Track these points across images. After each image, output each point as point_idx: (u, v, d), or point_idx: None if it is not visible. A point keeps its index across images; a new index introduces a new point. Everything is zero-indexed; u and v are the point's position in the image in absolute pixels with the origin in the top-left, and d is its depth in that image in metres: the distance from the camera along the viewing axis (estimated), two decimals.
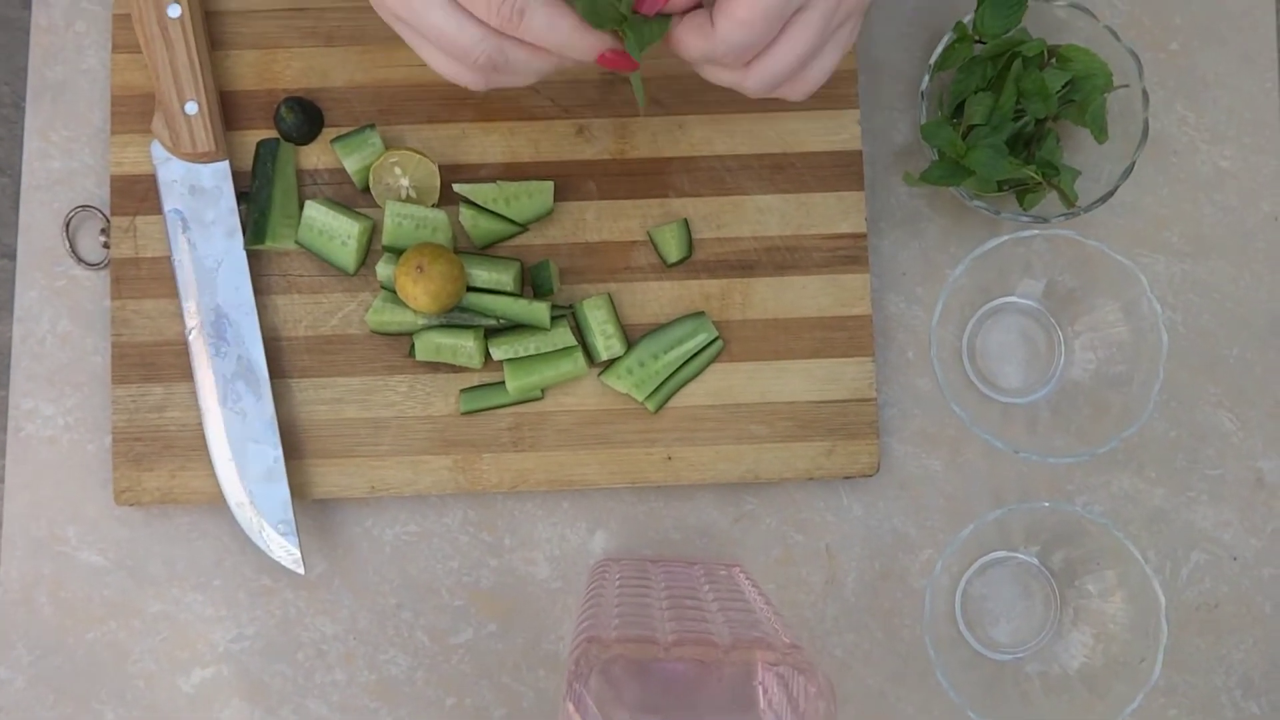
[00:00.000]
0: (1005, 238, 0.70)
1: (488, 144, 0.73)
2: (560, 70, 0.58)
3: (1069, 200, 0.71)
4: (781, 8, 0.55)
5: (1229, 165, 0.77)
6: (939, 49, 0.71)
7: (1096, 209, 0.72)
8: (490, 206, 0.72)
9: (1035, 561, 0.75)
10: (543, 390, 0.72)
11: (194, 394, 0.72)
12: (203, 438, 0.71)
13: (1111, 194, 0.70)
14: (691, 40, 0.56)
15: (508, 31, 0.55)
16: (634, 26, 0.56)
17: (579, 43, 0.56)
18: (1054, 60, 0.71)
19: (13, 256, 1.51)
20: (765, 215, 0.73)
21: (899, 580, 0.74)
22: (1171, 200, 0.77)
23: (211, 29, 0.74)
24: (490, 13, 0.54)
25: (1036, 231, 0.70)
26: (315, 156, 0.73)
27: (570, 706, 0.49)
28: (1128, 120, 0.71)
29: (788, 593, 0.74)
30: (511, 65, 0.57)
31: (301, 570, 0.71)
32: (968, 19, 0.70)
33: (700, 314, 0.72)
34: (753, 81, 0.59)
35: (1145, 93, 0.70)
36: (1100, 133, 0.70)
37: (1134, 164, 0.70)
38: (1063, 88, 0.70)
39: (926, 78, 0.71)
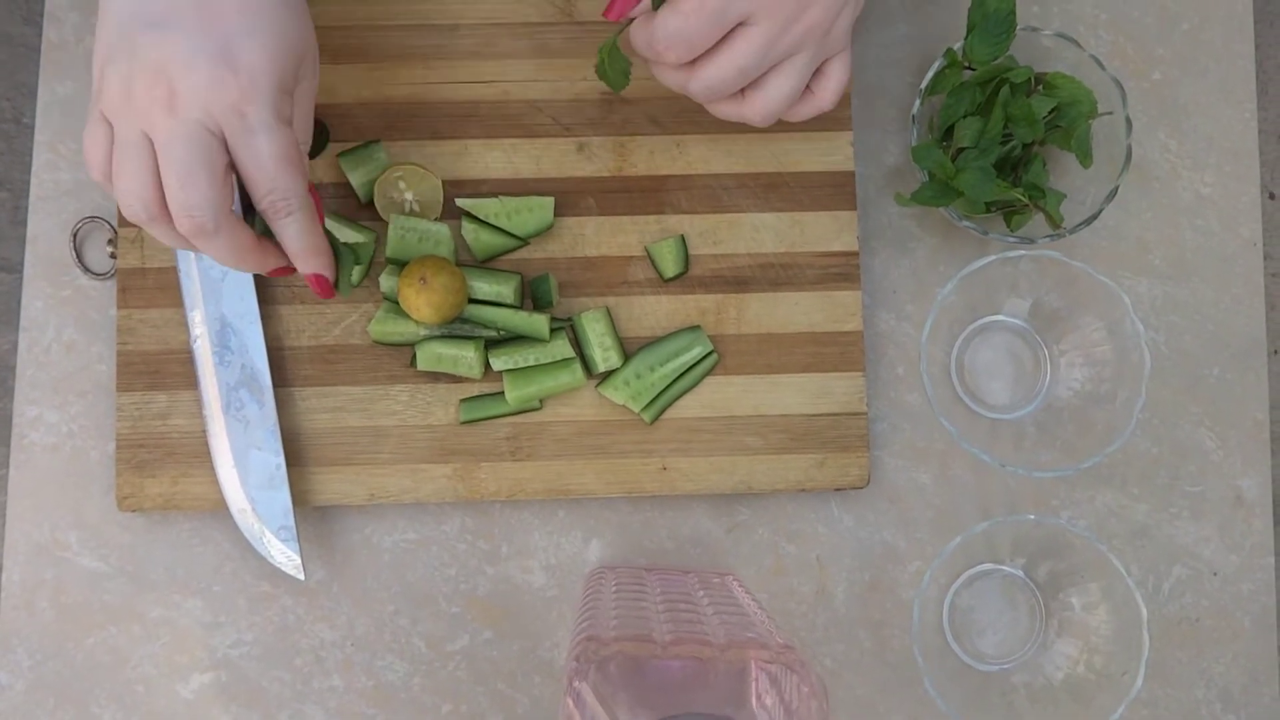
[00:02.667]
0: (993, 257, 0.72)
1: (490, 160, 0.75)
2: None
3: (1054, 222, 0.73)
4: (722, 8, 0.58)
5: (1209, 191, 0.79)
6: (930, 74, 0.73)
7: (1081, 231, 0.74)
8: (492, 221, 0.73)
9: (1021, 574, 0.76)
10: (541, 401, 0.73)
11: (198, 402, 0.73)
12: (205, 445, 0.73)
13: (1095, 217, 0.72)
14: (637, 31, 0.61)
15: (270, 216, 0.60)
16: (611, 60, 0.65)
17: (315, 257, 0.62)
18: (1040, 87, 0.73)
19: (12, 270, 1.52)
20: (760, 233, 0.75)
21: (888, 591, 0.76)
22: (1154, 224, 0.79)
23: None
24: (267, 202, 0.59)
25: (1023, 252, 0.72)
26: (320, 170, 0.75)
27: (570, 702, 0.51)
28: (1111, 146, 0.73)
29: (779, 602, 0.75)
30: (218, 242, 0.59)
31: (302, 576, 0.72)
32: (958, 46, 0.72)
33: (696, 328, 0.74)
34: (696, 84, 0.62)
35: (1129, 120, 0.72)
36: (1085, 157, 0.72)
37: (1117, 188, 0.72)
38: (1049, 113, 0.72)
39: (918, 102, 0.73)
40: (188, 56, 0.55)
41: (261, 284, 0.74)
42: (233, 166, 0.58)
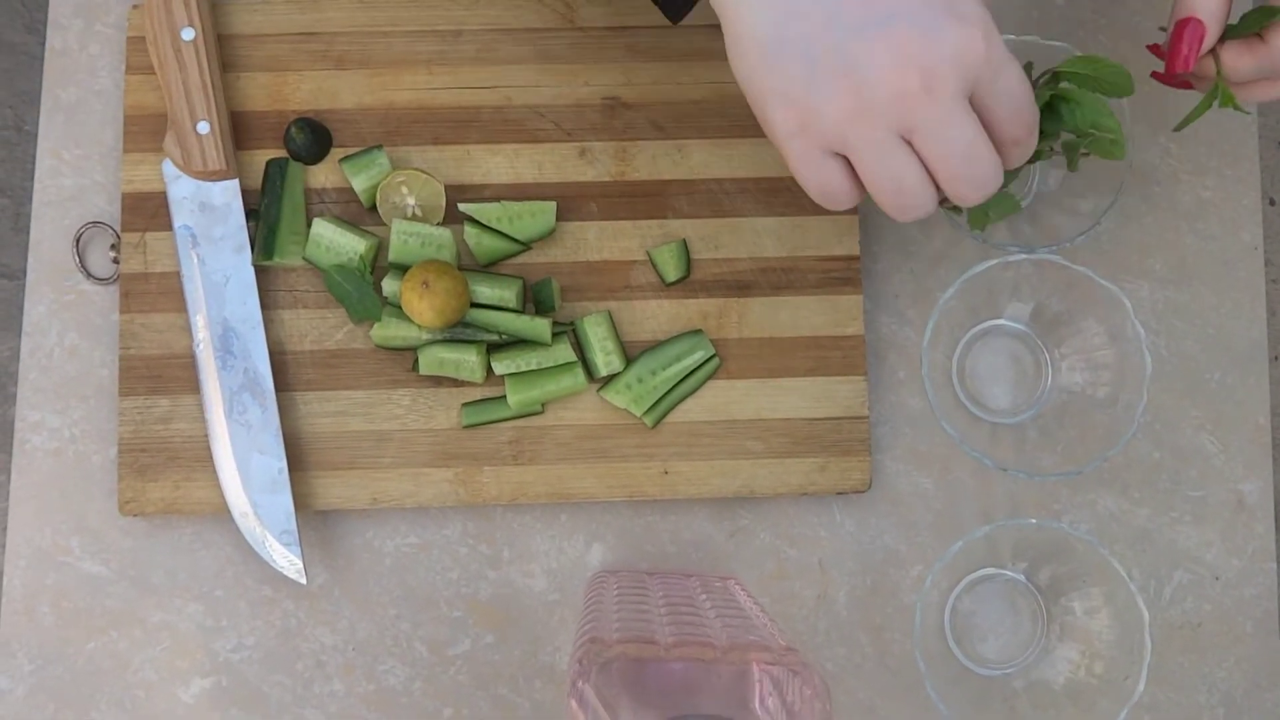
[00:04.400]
0: (994, 261, 0.72)
1: (492, 165, 0.75)
2: None
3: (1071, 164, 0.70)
4: None
5: (1210, 196, 0.79)
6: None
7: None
8: (494, 225, 0.74)
9: (1023, 578, 0.76)
10: (543, 405, 0.73)
11: (200, 406, 0.73)
12: (208, 449, 0.73)
13: (1096, 225, 0.72)
14: (1243, 60, 0.58)
15: (1023, 141, 0.56)
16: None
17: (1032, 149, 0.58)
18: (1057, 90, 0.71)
19: (13, 276, 1.52)
20: (762, 237, 0.75)
21: (890, 595, 0.76)
22: (1155, 229, 0.79)
23: (224, 52, 0.76)
24: (1023, 128, 0.55)
25: (1024, 256, 0.72)
26: (323, 176, 0.75)
27: (573, 703, 0.51)
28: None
29: (781, 606, 0.75)
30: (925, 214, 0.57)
31: (304, 580, 0.72)
32: None
33: (698, 332, 0.74)
34: None
35: (1131, 132, 0.72)
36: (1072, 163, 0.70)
37: (1118, 197, 0.72)
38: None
39: None
40: (930, 33, 0.51)
41: (264, 288, 0.74)
42: None
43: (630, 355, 0.74)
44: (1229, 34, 0.60)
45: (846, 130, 0.53)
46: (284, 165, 0.74)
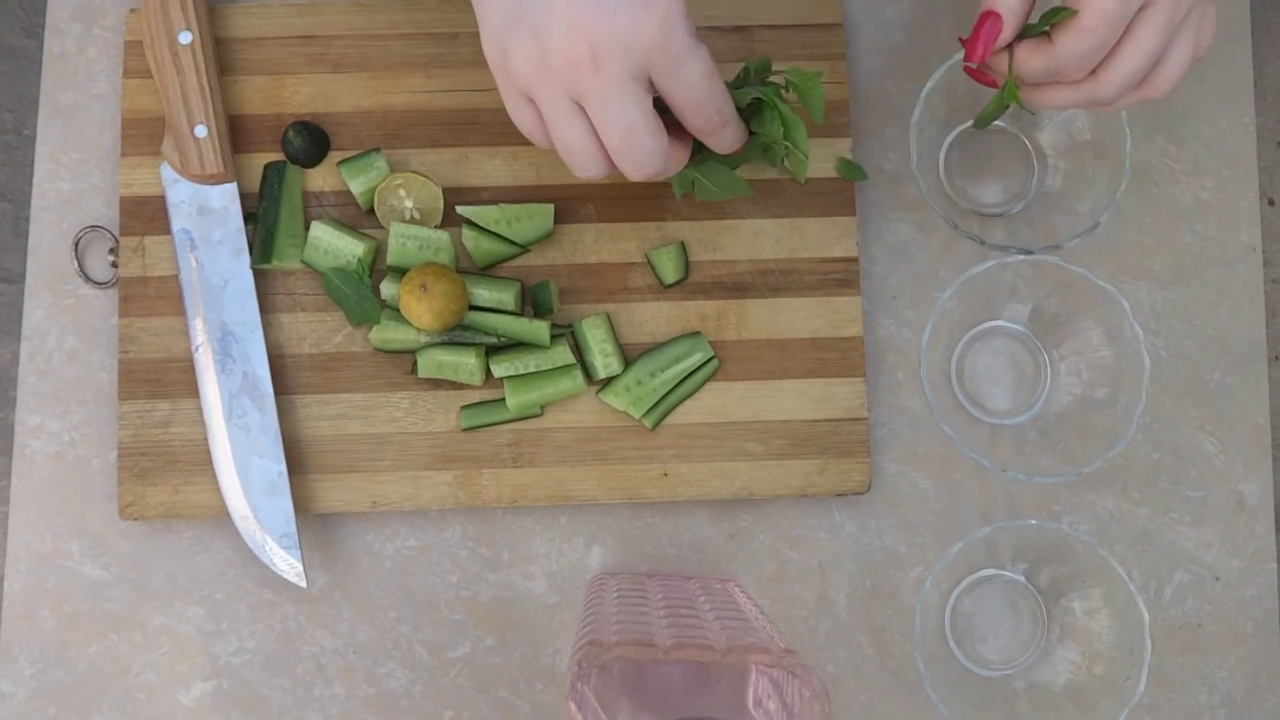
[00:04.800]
0: (992, 263, 0.72)
1: (490, 167, 0.75)
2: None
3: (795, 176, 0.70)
4: (1122, 9, 0.55)
5: (1208, 196, 0.79)
6: (930, 81, 0.73)
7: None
8: (492, 228, 0.74)
9: (1023, 579, 0.76)
10: (542, 407, 0.73)
11: (199, 410, 0.73)
12: (207, 453, 0.73)
13: (1095, 227, 0.72)
14: (1032, 60, 0.58)
15: (706, 134, 0.59)
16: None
17: (740, 143, 0.63)
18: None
19: (12, 280, 1.52)
20: (760, 239, 0.75)
21: (889, 597, 0.76)
22: (1153, 229, 0.79)
23: (221, 55, 0.76)
24: (702, 120, 0.58)
25: (1022, 257, 0.72)
26: (321, 179, 0.75)
27: (573, 706, 0.51)
28: (1111, 157, 0.73)
29: (781, 608, 0.75)
30: (666, 171, 0.60)
31: (304, 583, 0.72)
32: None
33: (696, 334, 0.74)
34: (1106, 89, 0.59)
35: (1128, 134, 0.72)
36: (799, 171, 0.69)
37: (1117, 199, 0.72)
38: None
39: (918, 109, 0.73)
40: (606, 11, 0.54)
41: (262, 292, 0.74)
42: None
43: (629, 357, 0.74)
44: (1026, 32, 0.59)
45: (531, 82, 0.56)
46: (282, 168, 0.75)
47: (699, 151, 0.68)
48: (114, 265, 0.75)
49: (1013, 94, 0.61)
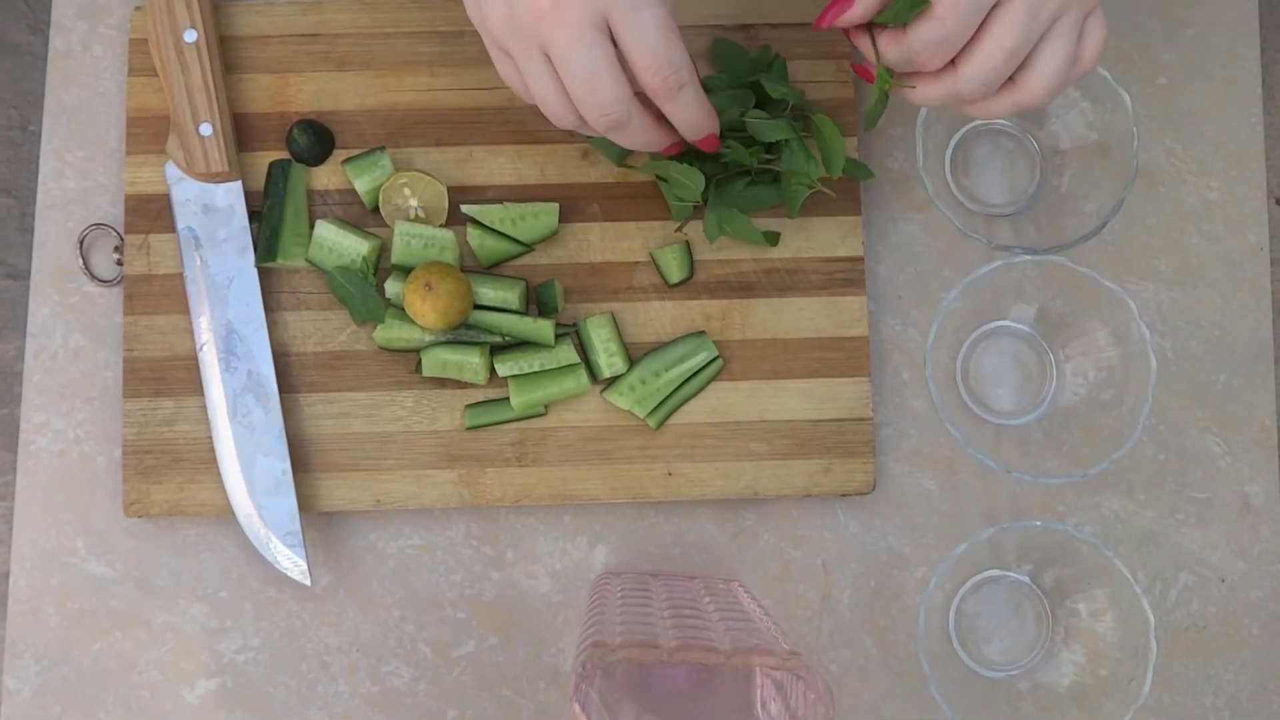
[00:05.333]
0: (998, 263, 0.72)
1: (495, 166, 0.75)
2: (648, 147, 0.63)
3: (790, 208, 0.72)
4: (972, 2, 0.55)
5: (1215, 196, 0.79)
6: None
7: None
8: (497, 227, 0.73)
9: (1027, 580, 0.76)
10: (546, 406, 0.73)
11: (204, 408, 0.73)
12: (212, 451, 0.73)
13: (1102, 228, 0.72)
14: (891, 49, 0.58)
15: (662, 97, 0.59)
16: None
17: (704, 124, 0.62)
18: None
19: (18, 276, 1.52)
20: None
21: (894, 597, 0.76)
22: (1160, 230, 0.79)
23: (226, 53, 0.76)
24: (658, 79, 0.58)
25: (1029, 257, 0.72)
26: (326, 177, 0.75)
27: (576, 707, 0.51)
28: (1118, 157, 0.73)
29: (784, 608, 0.75)
30: (630, 131, 0.60)
31: (308, 582, 0.72)
32: None
33: (701, 333, 0.74)
34: (967, 85, 0.58)
35: (1135, 134, 0.72)
36: (791, 210, 0.72)
37: (1124, 200, 0.72)
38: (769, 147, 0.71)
39: (925, 108, 0.73)
40: None
41: (267, 290, 0.74)
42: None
43: (633, 357, 0.74)
44: (891, 20, 0.59)
45: (504, 36, 0.58)
46: (287, 167, 0.74)
47: (717, 196, 0.71)
48: (119, 263, 0.75)
49: (885, 80, 0.61)
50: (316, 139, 0.74)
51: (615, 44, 0.57)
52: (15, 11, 1.55)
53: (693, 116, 0.61)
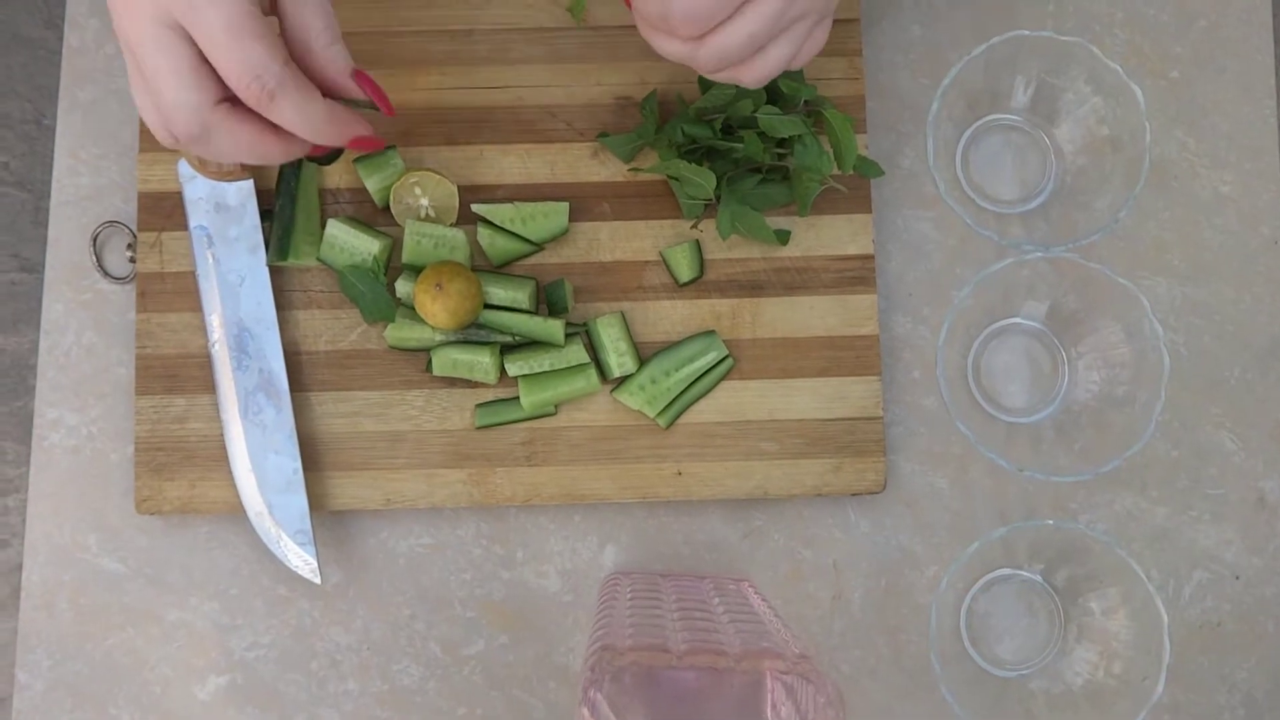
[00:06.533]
0: (1009, 260, 0.71)
1: (505, 165, 0.75)
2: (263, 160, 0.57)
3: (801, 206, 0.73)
4: None
5: (1229, 190, 0.78)
6: (947, 79, 0.72)
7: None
8: (507, 226, 0.73)
9: (1039, 579, 0.76)
10: (556, 406, 0.73)
11: (215, 406, 0.73)
12: (223, 449, 0.73)
13: (1114, 223, 0.72)
14: (649, 3, 0.58)
15: (257, 106, 0.54)
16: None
17: (328, 129, 0.56)
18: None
19: (33, 270, 1.53)
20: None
21: (905, 596, 0.75)
22: (1172, 224, 0.78)
23: None
24: (240, 86, 0.53)
25: (1040, 254, 0.71)
26: (337, 176, 0.75)
27: (585, 711, 0.51)
28: (1130, 152, 0.72)
29: (795, 608, 0.75)
30: (214, 143, 0.55)
31: (318, 580, 0.72)
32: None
33: (711, 332, 0.74)
34: (705, 56, 0.59)
35: (1147, 127, 0.71)
36: (803, 208, 0.73)
37: (1136, 194, 0.71)
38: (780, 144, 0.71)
39: (935, 105, 0.72)
40: None
41: (279, 289, 0.74)
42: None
43: (643, 356, 0.74)
44: None
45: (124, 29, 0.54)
46: (298, 166, 0.74)
47: (729, 194, 0.71)
48: (132, 261, 0.76)
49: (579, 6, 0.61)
50: None
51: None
52: (29, 5, 1.56)
53: (302, 123, 0.54)
